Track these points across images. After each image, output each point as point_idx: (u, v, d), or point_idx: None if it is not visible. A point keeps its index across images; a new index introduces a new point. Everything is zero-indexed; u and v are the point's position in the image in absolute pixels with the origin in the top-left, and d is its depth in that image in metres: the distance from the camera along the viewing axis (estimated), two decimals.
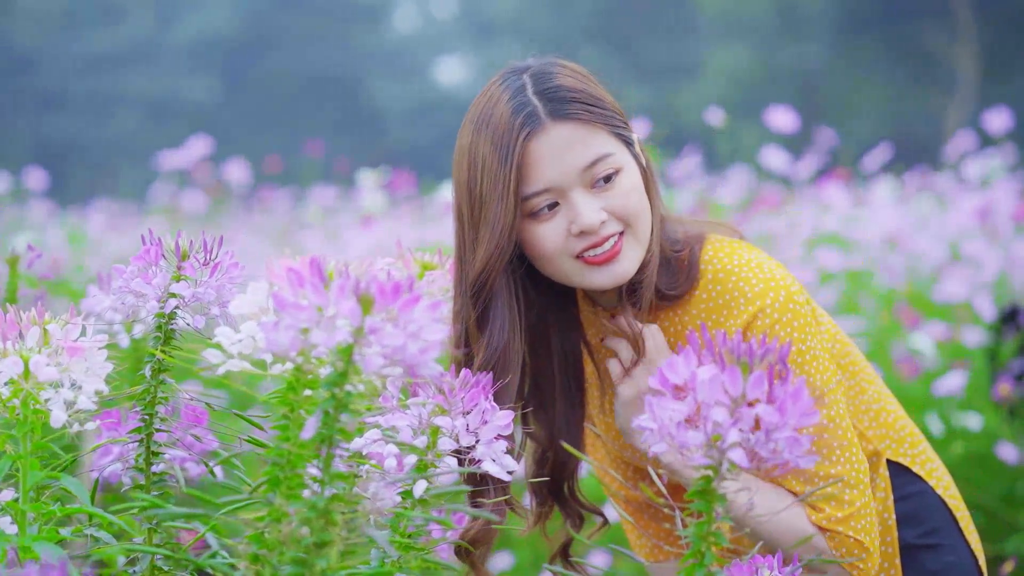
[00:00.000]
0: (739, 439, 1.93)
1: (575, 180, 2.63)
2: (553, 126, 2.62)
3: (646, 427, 1.98)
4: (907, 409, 5.25)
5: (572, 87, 2.66)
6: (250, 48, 33.86)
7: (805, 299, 2.69)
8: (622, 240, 2.66)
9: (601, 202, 2.64)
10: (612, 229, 2.64)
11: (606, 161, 2.64)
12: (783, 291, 2.66)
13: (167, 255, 2.29)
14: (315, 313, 1.89)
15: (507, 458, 2.26)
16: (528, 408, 2.85)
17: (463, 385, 2.26)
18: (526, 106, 2.64)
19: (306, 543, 1.91)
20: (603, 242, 2.64)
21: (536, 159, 2.62)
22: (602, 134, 2.65)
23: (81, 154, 31.16)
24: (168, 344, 2.29)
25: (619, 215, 2.64)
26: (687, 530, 2.02)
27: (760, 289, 2.66)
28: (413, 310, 1.91)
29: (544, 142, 2.62)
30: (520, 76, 2.70)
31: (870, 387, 2.88)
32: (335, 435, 1.95)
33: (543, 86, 2.66)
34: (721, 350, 1.98)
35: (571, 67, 2.73)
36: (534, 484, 2.95)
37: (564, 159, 2.62)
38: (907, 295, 6.13)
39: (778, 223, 6.98)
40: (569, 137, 2.63)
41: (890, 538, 2.83)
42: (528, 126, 2.62)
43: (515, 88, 2.67)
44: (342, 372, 1.92)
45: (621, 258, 2.66)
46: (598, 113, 2.65)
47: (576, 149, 2.63)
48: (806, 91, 28.87)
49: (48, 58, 32.18)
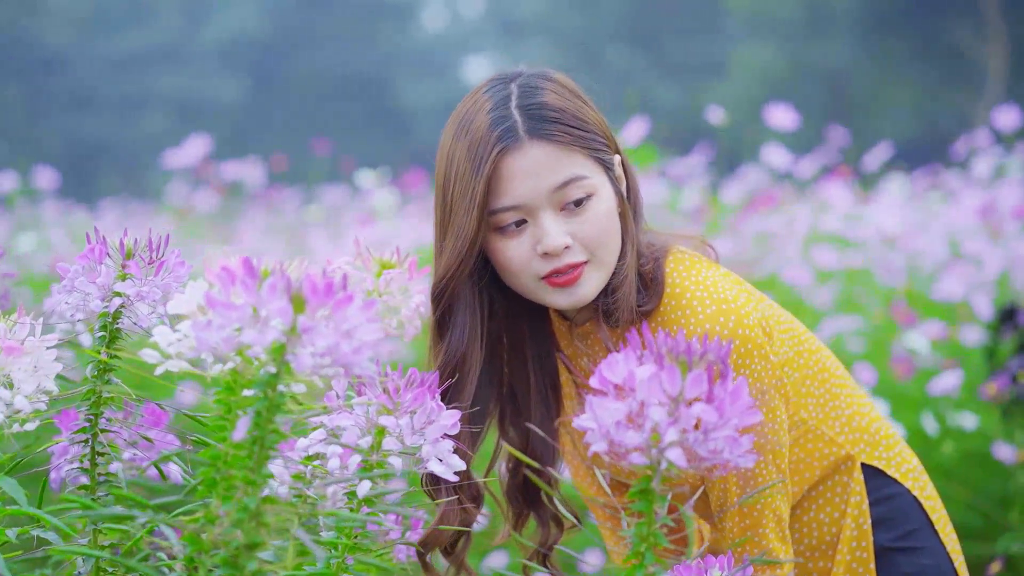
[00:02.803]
0: (677, 438, 1.91)
1: (545, 201, 2.61)
2: (530, 144, 2.61)
3: (586, 427, 1.97)
4: (902, 409, 5.26)
5: (555, 106, 2.64)
6: (279, 48, 33.93)
7: (755, 322, 2.65)
8: (584, 268, 2.64)
9: (569, 226, 2.62)
10: (575, 258, 2.63)
11: (578, 184, 2.62)
12: (733, 315, 2.63)
13: (112, 253, 2.28)
14: (247, 312, 1.88)
15: (454, 458, 2.24)
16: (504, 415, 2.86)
17: (408, 385, 2.24)
18: (506, 120, 2.62)
19: (237, 544, 1.90)
20: (565, 269, 2.63)
21: (508, 175, 2.61)
22: (579, 157, 2.63)
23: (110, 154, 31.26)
24: (113, 344, 2.27)
25: (584, 242, 2.63)
26: (627, 531, 2.00)
27: (711, 312, 2.63)
28: (347, 309, 1.89)
29: (518, 159, 2.60)
30: (508, 85, 2.68)
31: (842, 391, 2.86)
32: (268, 436, 1.94)
33: (527, 101, 2.64)
34: (661, 349, 1.97)
35: (560, 83, 2.71)
36: (510, 491, 2.94)
37: (536, 179, 2.60)
38: (905, 294, 6.08)
39: (776, 222, 6.94)
40: (544, 157, 2.61)
41: (865, 543, 2.82)
42: (504, 141, 2.60)
43: (500, 98, 2.66)
44: (275, 373, 1.91)
45: (582, 283, 2.64)
46: (578, 135, 2.63)
47: (550, 170, 2.61)
48: (834, 89, 28.80)
49: (78, 58, 32.31)
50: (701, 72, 30.11)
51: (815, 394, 2.81)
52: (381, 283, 2.67)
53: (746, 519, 2.67)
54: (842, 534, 2.81)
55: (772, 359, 2.66)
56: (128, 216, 10.98)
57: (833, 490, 2.82)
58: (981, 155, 7.43)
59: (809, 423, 2.80)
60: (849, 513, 2.81)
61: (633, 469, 1.95)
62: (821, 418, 2.82)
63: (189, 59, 32.94)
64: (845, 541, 2.81)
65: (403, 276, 2.71)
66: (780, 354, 2.71)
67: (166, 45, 32.82)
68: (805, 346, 2.83)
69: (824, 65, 29.52)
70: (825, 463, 2.81)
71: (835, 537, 2.82)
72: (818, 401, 2.81)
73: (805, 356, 2.82)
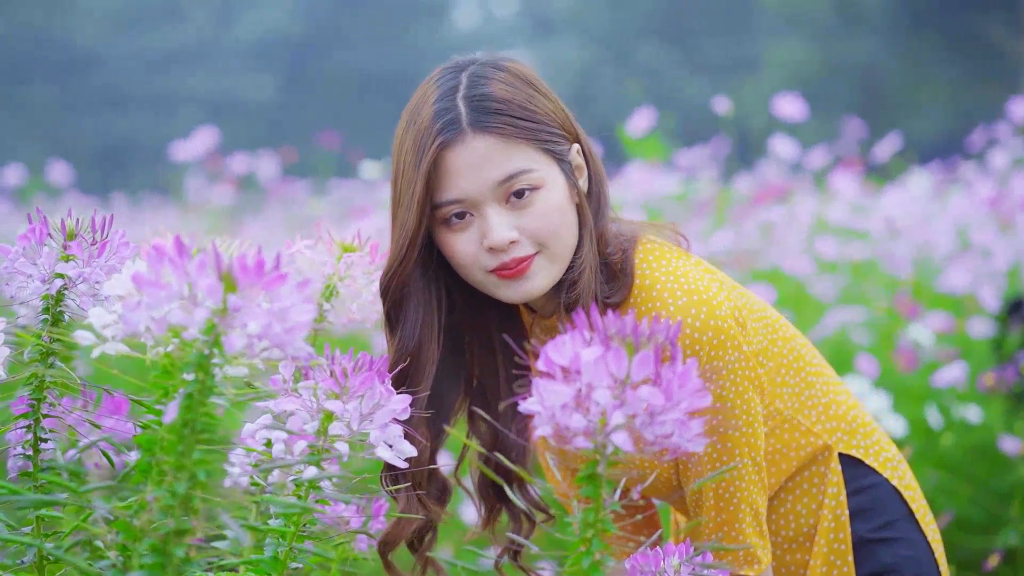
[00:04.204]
0: (623, 422, 1.85)
1: (488, 195, 2.54)
2: (473, 137, 2.53)
3: (533, 410, 1.91)
4: (905, 401, 5.19)
5: (501, 97, 2.56)
6: (311, 46, 33.94)
7: (727, 312, 2.59)
8: (534, 259, 2.57)
9: (515, 219, 2.55)
10: (523, 251, 2.56)
11: (523, 177, 2.54)
12: (705, 306, 2.56)
13: (53, 234, 2.23)
14: (175, 292, 1.83)
15: (405, 443, 2.19)
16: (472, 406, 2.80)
17: (357, 368, 2.19)
18: (449, 111, 2.55)
19: (165, 531, 1.84)
20: (512, 263, 2.56)
21: (451, 169, 2.54)
22: (524, 149, 2.55)
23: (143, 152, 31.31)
24: (56, 327, 2.22)
25: (532, 236, 2.55)
26: (573, 516, 1.95)
27: (683, 303, 2.56)
28: (279, 289, 1.84)
29: (460, 153, 2.53)
30: (458, 75, 2.60)
31: (818, 379, 2.79)
32: (200, 420, 1.88)
33: (473, 92, 2.56)
34: (609, 331, 1.91)
35: (512, 72, 2.62)
36: (481, 486, 2.89)
37: (479, 172, 2.53)
38: (911, 285, 6.00)
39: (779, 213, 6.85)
40: (486, 151, 2.53)
41: (843, 535, 2.75)
42: (445, 134, 2.53)
43: (447, 88, 2.58)
44: (207, 354, 1.86)
45: (531, 275, 2.57)
46: (523, 126, 2.55)
47: (492, 163, 2.53)
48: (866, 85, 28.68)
49: (110, 57, 32.38)
50: (733, 69, 29.98)
51: (790, 383, 2.75)
52: (342, 267, 2.63)
53: (722, 513, 2.61)
54: (819, 525, 2.75)
55: (746, 349, 2.60)
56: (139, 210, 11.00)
57: (810, 480, 2.76)
58: (999, 147, 7.34)
59: (785, 413, 2.73)
60: (826, 504, 2.75)
61: (579, 454, 1.89)
62: (797, 408, 2.75)
63: (221, 58, 32.99)
64: (822, 533, 2.75)
65: (365, 260, 2.66)
66: (753, 343, 2.65)
67: (198, 44, 32.87)
68: (779, 334, 2.76)
69: (856, 61, 29.38)
70: (802, 454, 2.75)
71: (812, 529, 2.76)
72: (793, 390, 2.75)
73: (779, 344, 2.75)
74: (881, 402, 4.71)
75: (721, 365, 2.56)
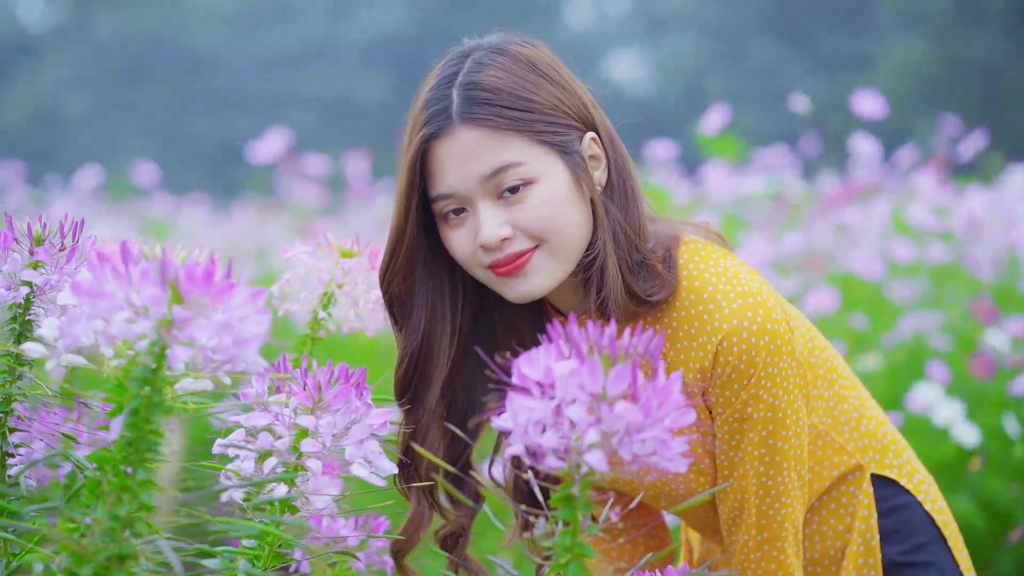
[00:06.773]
0: (598, 440, 1.72)
1: (477, 190, 2.39)
2: (460, 129, 2.39)
3: (505, 427, 1.78)
4: (981, 409, 5.00)
5: (493, 86, 2.40)
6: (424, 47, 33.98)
7: (782, 315, 2.44)
8: (533, 254, 2.41)
9: (508, 215, 2.39)
10: (518, 247, 2.40)
11: (512, 171, 2.38)
12: (761, 309, 2.41)
13: (20, 239, 2.13)
14: (117, 302, 1.72)
15: (383, 460, 2.07)
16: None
17: (331, 381, 2.07)
18: (441, 100, 2.41)
19: (106, 555, 1.74)
20: (506, 259, 2.40)
21: (439, 162, 2.40)
22: (516, 141, 2.38)
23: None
24: (25, 337, 2.13)
25: (527, 231, 2.39)
26: (549, 539, 1.82)
27: (738, 306, 2.41)
28: (229, 299, 1.73)
29: (447, 145, 2.39)
30: (463, 61, 2.45)
31: (850, 394, 2.64)
32: (146, 438, 1.77)
33: (468, 79, 2.42)
34: (589, 343, 1.78)
35: (515, 57, 2.46)
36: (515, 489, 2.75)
37: (464, 166, 2.38)
38: (992, 288, 5.80)
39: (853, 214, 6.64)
40: (472, 143, 2.38)
41: (873, 560, 2.60)
42: (432, 125, 2.40)
43: (447, 74, 2.45)
44: (153, 368, 1.75)
45: (529, 272, 2.41)
46: (515, 117, 2.39)
47: (477, 157, 2.38)
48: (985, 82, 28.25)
49: (224, 59, 32.66)
50: (849, 66, 29.63)
51: (824, 396, 2.60)
52: (339, 273, 2.52)
53: (764, 531, 2.47)
54: (848, 549, 2.60)
55: (797, 355, 2.46)
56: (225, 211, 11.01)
57: (838, 501, 2.61)
58: None
59: (819, 428, 2.59)
60: (856, 527, 2.60)
61: (553, 473, 1.77)
62: (830, 423, 2.60)
63: (335, 58, 33.14)
64: (851, 557, 2.60)
65: (363, 265, 2.54)
66: (800, 350, 2.51)
67: (312, 44, 33.05)
68: (815, 343, 2.62)
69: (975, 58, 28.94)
70: (835, 472, 2.60)
71: (839, 552, 2.61)
72: (827, 404, 2.60)
73: (816, 354, 2.60)
74: (954, 410, 4.55)
75: (775, 372, 2.42)
